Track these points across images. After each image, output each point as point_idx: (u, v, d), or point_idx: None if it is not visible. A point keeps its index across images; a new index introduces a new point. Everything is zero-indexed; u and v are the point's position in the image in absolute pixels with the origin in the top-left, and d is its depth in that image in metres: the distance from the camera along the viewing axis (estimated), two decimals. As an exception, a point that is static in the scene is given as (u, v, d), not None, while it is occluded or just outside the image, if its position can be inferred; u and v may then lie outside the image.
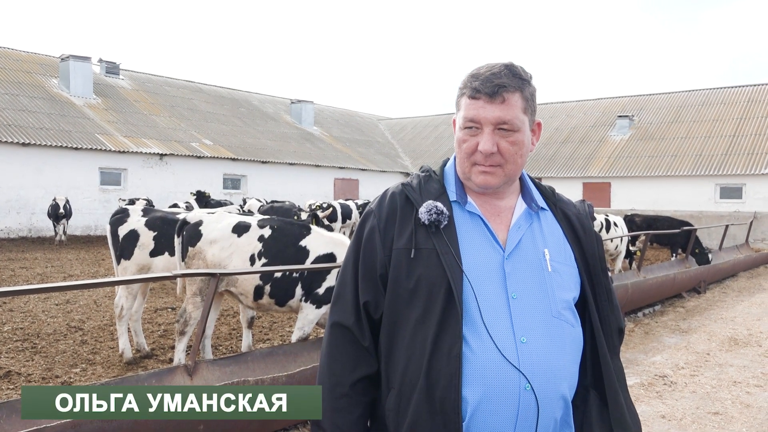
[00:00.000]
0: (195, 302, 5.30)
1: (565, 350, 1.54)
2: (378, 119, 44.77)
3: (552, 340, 1.52)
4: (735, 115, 28.97)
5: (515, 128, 1.54)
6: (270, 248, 5.21)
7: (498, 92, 1.52)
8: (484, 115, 1.53)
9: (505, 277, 1.52)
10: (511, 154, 1.55)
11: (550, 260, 1.58)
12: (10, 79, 24.31)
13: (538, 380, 1.47)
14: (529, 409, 1.46)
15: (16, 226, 20.58)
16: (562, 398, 1.52)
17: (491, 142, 1.53)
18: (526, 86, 1.56)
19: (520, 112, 1.55)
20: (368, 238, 1.62)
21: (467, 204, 1.61)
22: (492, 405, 1.45)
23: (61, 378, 5.42)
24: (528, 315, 1.51)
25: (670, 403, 5.25)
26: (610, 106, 33.85)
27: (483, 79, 1.53)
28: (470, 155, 1.57)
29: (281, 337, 7.22)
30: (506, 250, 1.56)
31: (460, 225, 1.58)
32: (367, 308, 1.59)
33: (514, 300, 1.51)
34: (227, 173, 26.76)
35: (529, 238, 1.59)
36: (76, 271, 12.61)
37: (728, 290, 11.75)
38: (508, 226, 1.60)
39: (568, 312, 1.57)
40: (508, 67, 1.56)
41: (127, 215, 6.27)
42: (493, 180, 1.57)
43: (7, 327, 7.31)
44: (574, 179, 28.95)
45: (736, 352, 7.03)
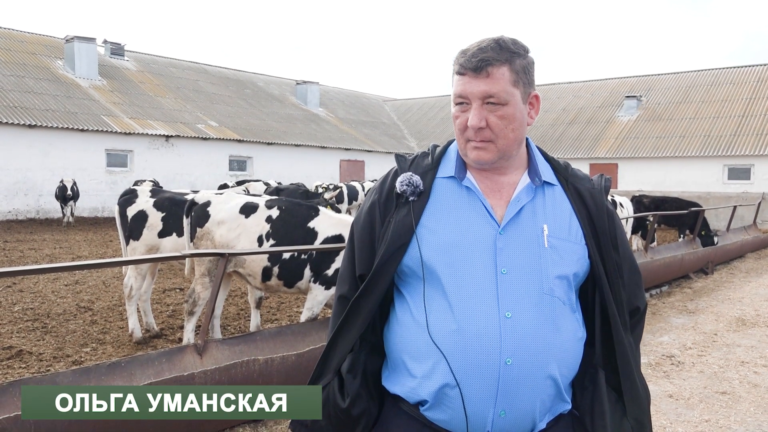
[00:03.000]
0: (204, 282, 5.32)
1: (558, 327, 1.52)
2: (384, 100, 44.54)
3: (541, 316, 1.50)
4: (744, 96, 28.69)
5: (503, 101, 1.52)
6: (278, 229, 5.21)
7: (482, 67, 1.51)
8: (470, 89, 1.53)
9: (496, 252, 1.52)
10: (500, 128, 1.54)
11: (548, 236, 1.56)
12: (15, 60, 24.26)
13: (521, 356, 1.47)
14: (511, 384, 1.46)
15: (24, 207, 20.67)
16: (549, 377, 1.50)
17: (478, 117, 1.52)
18: (515, 58, 1.54)
19: (509, 85, 1.53)
20: (369, 212, 1.67)
21: (464, 179, 1.61)
22: (471, 376, 1.46)
23: (72, 357, 5.47)
24: (517, 291, 1.50)
25: (678, 383, 5.26)
26: (617, 87, 33.56)
27: (469, 54, 1.53)
28: (463, 131, 1.57)
29: (289, 317, 7.25)
30: (501, 225, 1.55)
31: (453, 200, 1.60)
32: (362, 280, 1.63)
33: (503, 275, 1.50)
34: (233, 155, 26.74)
35: (529, 212, 1.58)
36: (84, 252, 12.68)
37: (736, 271, 11.71)
38: (508, 201, 1.59)
39: (562, 289, 1.55)
40: (496, 41, 1.54)
41: (135, 196, 6.28)
42: (485, 155, 1.56)
43: (17, 307, 7.37)
44: (581, 160, 28.78)
45: (743, 332, 7.03)
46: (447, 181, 1.62)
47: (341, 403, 1.59)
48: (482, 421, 1.47)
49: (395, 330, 1.60)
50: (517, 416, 1.48)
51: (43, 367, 5.20)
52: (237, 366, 3.88)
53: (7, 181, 20.26)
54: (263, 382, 4.00)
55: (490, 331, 1.47)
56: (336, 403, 1.60)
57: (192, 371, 3.67)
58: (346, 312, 1.62)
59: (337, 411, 1.59)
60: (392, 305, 1.65)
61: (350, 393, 1.59)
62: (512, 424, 1.49)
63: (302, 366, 4.20)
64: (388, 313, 1.66)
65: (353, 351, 1.63)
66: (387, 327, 1.65)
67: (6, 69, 23.29)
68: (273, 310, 7.56)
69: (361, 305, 1.60)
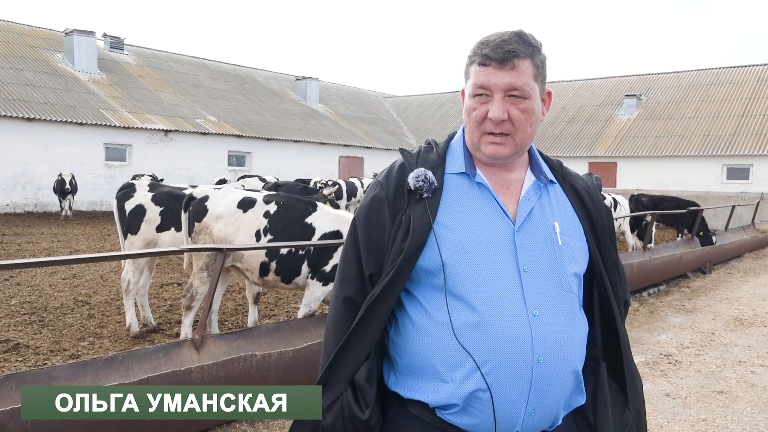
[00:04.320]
0: (201, 277, 5.31)
1: (575, 323, 1.54)
2: (383, 97, 44.49)
3: (564, 313, 1.51)
4: (744, 95, 28.69)
5: (526, 95, 1.50)
6: (276, 224, 5.20)
7: (508, 58, 1.48)
8: (494, 81, 1.49)
9: (515, 249, 1.51)
10: (521, 122, 1.51)
11: (560, 233, 1.56)
12: (14, 53, 24.20)
13: (551, 353, 1.46)
14: (543, 382, 1.45)
15: (22, 201, 20.64)
16: (573, 372, 1.52)
17: (501, 109, 1.49)
18: (536, 53, 1.53)
19: (531, 79, 1.51)
20: (375, 209, 1.59)
21: (476, 176, 1.58)
22: (504, 378, 1.44)
23: (69, 351, 5.46)
24: (540, 288, 1.49)
25: (675, 382, 5.26)
26: (617, 85, 33.56)
27: (493, 45, 1.50)
28: (480, 123, 1.53)
29: (287, 313, 7.25)
30: (516, 222, 1.54)
31: (466, 197, 1.56)
32: (372, 280, 1.57)
33: (525, 273, 1.49)
34: (232, 150, 26.70)
35: (539, 211, 1.57)
36: (82, 246, 12.66)
37: (734, 271, 11.72)
38: (518, 199, 1.58)
39: (576, 285, 1.57)
40: (518, 34, 1.52)
41: (133, 190, 6.27)
42: (503, 150, 1.53)
43: (14, 300, 7.36)
44: (580, 159, 28.79)
45: (741, 331, 7.03)
46: (457, 177, 1.59)
47: (361, 415, 1.50)
48: (513, 421, 1.45)
49: (412, 335, 1.52)
50: (545, 413, 1.48)
51: (40, 360, 5.19)
52: (234, 361, 3.87)
53: (6, 174, 20.22)
54: (261, 377, 4.00)
55: (521, 330, 1.45)
56: (354, 416, 1.50)
57: (189, 366, 3.66)
58: (360, 317, 1.53)
59: (356, 423, 1.51)
60: (399, 308, 1.58)
61: (369, 403, 1.51)
62: (539, 421, 1.49)
63: (300, 362, 4.19)
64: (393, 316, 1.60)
65: (368, 359, 1.54)
66: (396, 331, 1.57)
67: (5, 62, 23.22)
68: (271, 306, 7.56)
69: (376, 310, 1.52)
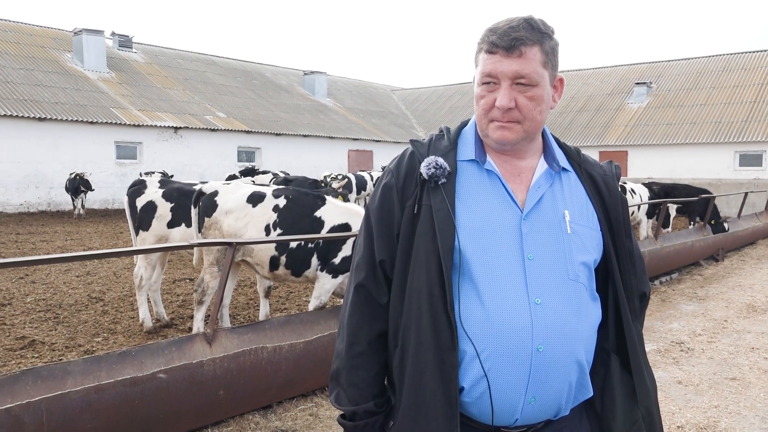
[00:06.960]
0: (212, 272, 5.35)
1: (582, 313, 1.51)
2: (392, 90, 44.40)
3: (569, 302, 1.49)
4: (756, 81, 28.38)
5: (533, 83, 1.49)
6: (285, 218, 5.23)
7: (515, 45, 1.47)
8: (501, 69, 1.48)
9: (521, 237, 1.50)
10: (529, 109, 1.50)
11: (570, 222, 1.54)
12: (24, 54, 24.38)
13: (552, 342, 1.45)
14: (542, 371, 1.45)
15: (35, 200, 20.84)
16: (576, 362, 1.50)
17: (508, 97, 1.48)
18: (546, 39, 1.51)
19: (539, 66, 1.49)
20: (386, 196, 1.60)
21: (486, 163, 1.57)
22: (502, 365, 1.44)
23: (84, 347, 5.53)
24: (544, 277, 1.48)
25: (687, 369, 5.25)
26: (627, 74, 33.29)
27: (500, 32, 1.48)
28: (488, 111, 1.52)
29: (298, 306, 7.29)
30: (524, 210, 1.52)
31: (476, 184, 1.55)
32: (383, 267, 1.58)
33: (530, 261, 1.48)
34: (241, 146, 26.79)
35: (549, 198, 1.56)
36: (95, 244, 12.78)
37: (747, 258, 11.64)
38: (528, 186, 1.56)
39: (585, 275, 1.54)
40: (527, 20, 1.50)
41: (144, 186, 6.31)
42: (510, 135, 1.52)
43: (30, 298, 7.45)
44: (590, 148, 28.61)
45: (754, 318, 6.99)
46: (468, 164, 1.58)
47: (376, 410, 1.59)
48: (512, 409, 1.46)
49: None
50: (545, 402, 1.48)
51: (55, 356, 5.27)
52: (245, 354, 3.90)
53: (19, 174, 20.43)
54: (271, 369, 4.03)
55: (521, 318, 1.44)
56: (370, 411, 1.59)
57: (201, 359, 3.70)
58: None
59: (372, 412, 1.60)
60: None
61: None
62: (540, 410, 1.49)
63: (310, 353, 4.22)
64: None
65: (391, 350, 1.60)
66: None
67: (15, 62, 23.41)
68: (282, 300, 7.60)
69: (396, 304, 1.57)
